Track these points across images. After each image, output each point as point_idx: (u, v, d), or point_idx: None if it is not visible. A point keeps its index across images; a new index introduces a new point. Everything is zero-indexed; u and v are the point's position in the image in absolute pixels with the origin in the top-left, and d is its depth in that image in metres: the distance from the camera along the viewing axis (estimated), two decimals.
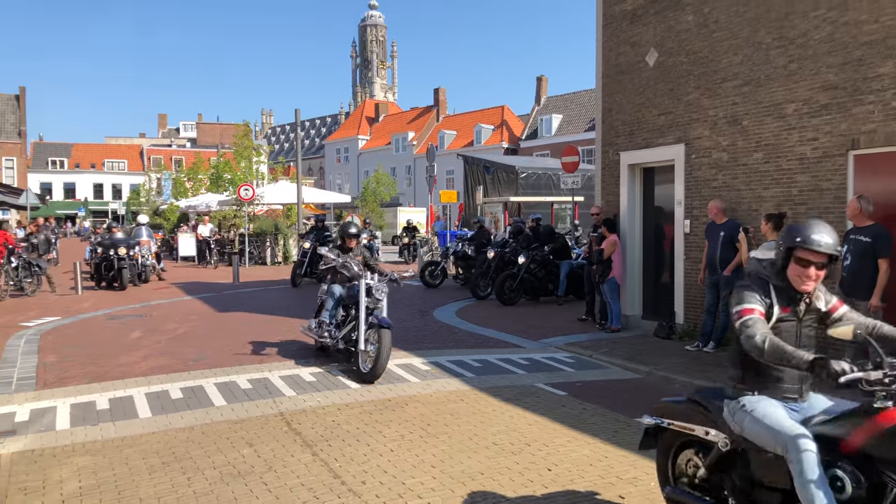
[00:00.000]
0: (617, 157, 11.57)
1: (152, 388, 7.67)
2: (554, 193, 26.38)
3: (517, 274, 14.44)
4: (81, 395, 7.41)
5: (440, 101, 69.83)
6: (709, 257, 9.45)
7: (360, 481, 5.04)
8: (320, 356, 9.21)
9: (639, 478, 5.12)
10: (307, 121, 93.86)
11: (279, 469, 5.30)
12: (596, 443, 5.90)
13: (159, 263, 21.12)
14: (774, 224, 8.23)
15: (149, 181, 59.06)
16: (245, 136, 31.60)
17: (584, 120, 53.01)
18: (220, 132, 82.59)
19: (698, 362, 8.80)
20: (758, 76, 9.23)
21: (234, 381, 7.93)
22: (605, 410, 6.94)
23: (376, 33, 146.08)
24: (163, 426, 6.39)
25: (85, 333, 11.29)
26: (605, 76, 11.86)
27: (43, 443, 5.95)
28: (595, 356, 9.46)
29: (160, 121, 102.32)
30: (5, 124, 57.75)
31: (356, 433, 6.15)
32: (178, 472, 5.25)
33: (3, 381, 8.01)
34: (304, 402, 7.16)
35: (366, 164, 71.63)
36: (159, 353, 9.61)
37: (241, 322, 12.32)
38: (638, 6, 11.11)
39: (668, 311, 10.69)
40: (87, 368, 8.67)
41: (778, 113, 8.99)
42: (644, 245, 11.44)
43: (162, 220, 38.37)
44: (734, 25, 9.54)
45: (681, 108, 10.37)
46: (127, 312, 13.65)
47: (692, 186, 10.25)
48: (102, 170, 79.52)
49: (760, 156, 9.24)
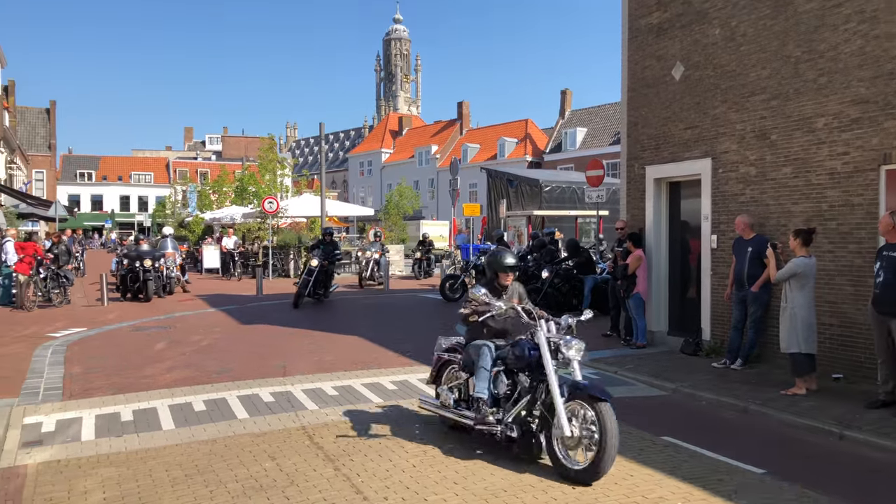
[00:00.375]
0: (643, 171, 11.48)
1: (176, 399, 7.70)
2: (578, 207, 26.27)
3: (541, 288, 14.35)
4: (106, 406, 7.46)
5: (464, 115, 70.00)
6: (736, 273, 9.32)
7: (383, 497, 5.00)
8: (343, 369, 9.19)
9: (665, 497, 5.02)
10: (331, 134, 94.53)
11: (301, 483, 5.27)
12: (621, 461, 5.79)
13: (184, 275, 21.29)
14: (803, 240, 8.09)
15: (174, 193, 59.71)
16: (270, 150, 31.86)
17: (609, 133, 52.83)
18: (245, 145, 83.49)
19: (725, 379, 8.65)
20: (787, 90, 9.12)
21: (257, 394, 7.94)
22: (631, 428, 6.82)
23: (400, 47, 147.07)
24: (186, 438, 6.40)
25: (110, 345, 11.39)
26: (630, 90, 11.79)
27: (68, 453, 5.99)
28: (620, 372, 9.34)
29: (186, 134, 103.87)
30: (36, 137, 58.87)
31: (378, 448, 6.10)
32: (201, 484, 5.25)
33: (30, 392, 8.09)
34: (326, 415, 7.14)
35: (389, 177, 71.92)
36: (183, 364, 9.66)
37: (264, 335, 12.36)
38: (664, 20, 11.05)
39: (694, 327, 10.54)
40: (112, 379, 8.73)
41: (807, 127, 8.86)
42: (670, 260, 11.31)
43: (187, 232, 38.75)
44: (762, 39, 9.44)
45: (707, 121, 10.27)
46: (152, 324, 13.76)
47: (719, 201, 10.13)
48: (129, 182, 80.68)
49: (789, 170, 9.11)
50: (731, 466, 5.74)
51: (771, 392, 7.97)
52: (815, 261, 8.19)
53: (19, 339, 11.78)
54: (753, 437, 6.65)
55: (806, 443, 6.49)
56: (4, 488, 5.24)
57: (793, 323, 7.96)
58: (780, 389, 8.01)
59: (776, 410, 7.26)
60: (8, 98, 38.52)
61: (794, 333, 7.94)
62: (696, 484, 5.29)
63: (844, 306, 8.44)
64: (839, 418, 6.88)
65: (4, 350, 10.66)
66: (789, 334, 7.99)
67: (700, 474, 5.52)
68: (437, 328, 13.21)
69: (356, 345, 11.32)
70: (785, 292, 8.15)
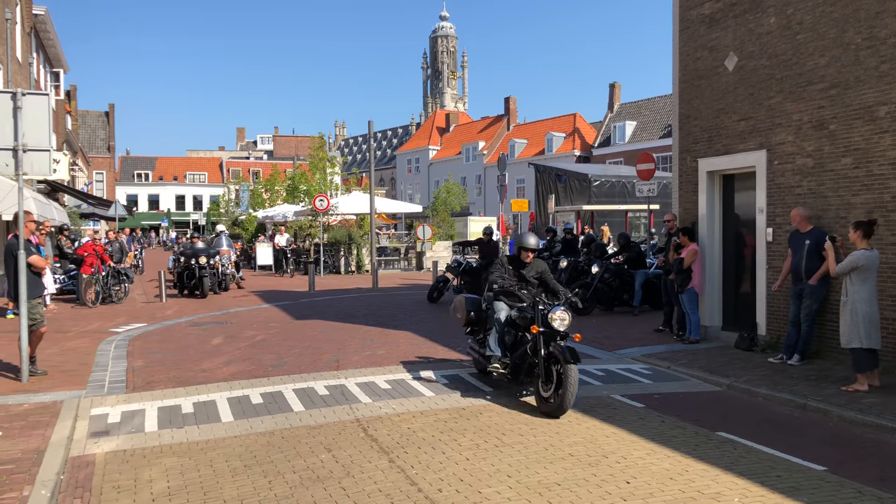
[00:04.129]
0: (695, 164, 11.30)
1: (234, 392, 7.91)
2: (628, 201, 25.95)
3: (590, 283, 14.25)
4: (167, 398, 7.70)
5: (510, 110, 69.70)
6: (793, 267, 9.11)
7: (437, 489, 5.06)
8: (395, 363, 9.31)
9: (722, 493, 4.96)
10: (379, 132, 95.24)
11: (357, 475, 5.36)
12: (676, 456, 5.75)
13: (238, 272, 21.76)
14: (864, 232, 7.86)
15: (228, 192, 60.97)
16: (320, 148, 32.31)
17: (659, 126, 52.01)
18: (295, 144, 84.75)
19: (783, 375, 8.47)
20: (846, 78, 8.87)
21: (312, 388, 8.09)
22: (685, 423, 6.75)
23: (447, 44, 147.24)
24: (244, 430, 6.57)
25: (169, 339, 11.74)
26: (682, 81, 11.61)
27: (133, 443, 6.21)
28: (673, 368, 9.22)
29: (238, 134, 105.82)
30: (96, 140, 60.79)
31: (432, 441, 6.17)
32: (260, 475, 5.39)
33: (96, 384, 8.40)
34: (379, 408, 7.24)
35: (436, 173, 72.12)
36: (240, 358, 9.90)
37: (317, 329, 12.57)
38: (716, 10, 10.84)
39: (749, 322, 10.34)
40: (172, 373, 9.00)
41: (869, 116, 8.61)
42: (724, 254, 11.10)
43: (240, 230, 39.56)
44: (820, 26, 9.20)
45: (762, 112, 10.05)
46: (208, 319, 14.12)
47: (774, 193, 9.91)
48: (184, 182, 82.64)
49: (849, 161, 8.86)
50: (789, 463, 5.63)
51: (831, 388, 7.78)
52: (878, 253, 7.95)
53: (84, 334, 12.22)
54: (812, 434, 6.50)
55: (868, 440, 6.32)
56: (76, 476, 5.47)
57: (854, 317, 7.75)
58: (840, 386, 7.81)
59: (836, 407, 7.09)
60: (70, 102, 39.87)
61: (855, 328, 7.73)
62: (754, 480, 5.21)
63: None
64: None
65: (70, 344, 11.08)
66: (850, 329, 7.77)
67: (758, 470, 5.43)
68: None
69: (409, 340, 11.41)
70: (845, 286, 7.92)
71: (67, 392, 7.94)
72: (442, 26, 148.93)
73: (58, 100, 30.31)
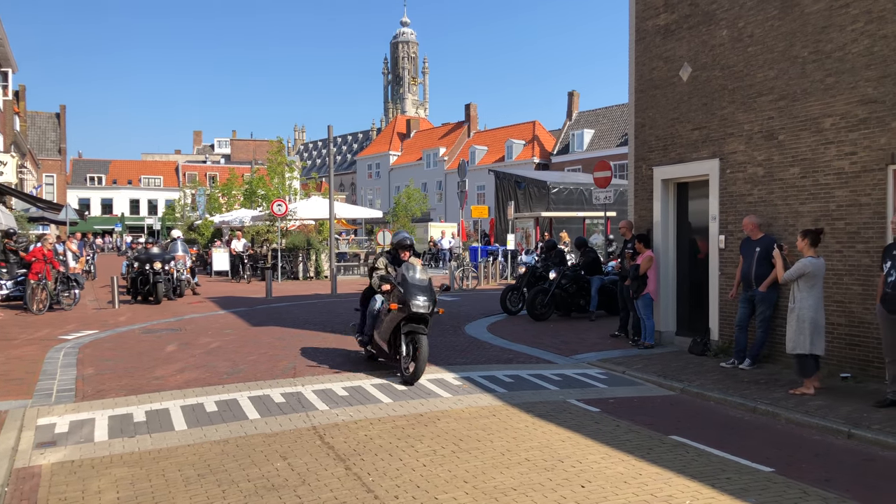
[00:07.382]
0: (650, 172, 11.50)
1: (188, 400, 7.77)
2: (586, 208, 26.31)
3: (548, 289, 14.38)
4: (119, 407, 7.53)
5: (471, 117, 69.98)
6: (744, 273, 9.33)
7: (394, 496, 5.04)
8: (353, 370, 9.26)
9: (674, 496, 5.04)
10: (339, 137, 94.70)
11: (312, 483, 5.32)
12: (630, 460, 5.83)
13: (193, 278, 21.40)
14: (811, 240, 8.09)
15: (184, 197, 59.95)
16: (278, 153, 32.00)
17: (617, 135, 52.76)
18: (253, 148, 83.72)
19: (734, 379, 8.67)
20: (794, 90, 9.13)
21: (268, 395, 8.00)
22: (639, 427, 6.85)
23: (408, 50, 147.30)
24: (198, 439, 6.46)
25: (121, 347, 11.48)
26: (638, 91, 11.82)
27: (82, 454, 6.05)
28: (628, 372, 9.36)
29: (195, 137, 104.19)
30: (46, 142, 59.24)
31: (389, 447, 6.15)
32: (214, 484, 5.30)
33: (43, 393, 8.17)
34: (336, 416, 7.19)
35: (397, 179, 71.99)
36: (194, 366, 9.74)
37: (274, 336, 12.43)
38: (671, 21, 11.07)
39: (702, 327, 10.55)
40: (124, 381, 8.81)
41: (815, 127, 8.87)
42: (678, 260, 11.32)
43: (196, 235, 38.92)
44: (769, 40, 9.46)
45: (715, 122, 10.29)
46: (162, 326, 13.86)
47: (727, 201, 10.14)
48: (139, 186, 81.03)
49: (797, 170, 9.12)
50: (739, 465, 5.76)
51: (779, 392, 7.99)
52: (824, 261, 8.20)
53: (31, 341, 11.89)
54: (761, 437, 6.66)
55: (814, 442, 6.50)
56: (20, 488, 5.31)
57: (800, 324, 7.96)
58: (788, 389, 8.02)
59: (784, 410, 7.28)
60: (18, 103, 38.80)
61: (801, 335, 7.94)
62: (705, 482, 5.31)
63: (853, 306, 8.45)
64: (847, 417, 6.89)
65: (17, 352, 10.77)
66: (796, 335, 7.99)
67: (709, 473, 5.54)
68: (447, 330, 13.25)
69: None
70: (793, 293, 8.15)
71: (13, 402, 7.71)
72: (403, 32, 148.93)
73: (5, 100, 29.49)
